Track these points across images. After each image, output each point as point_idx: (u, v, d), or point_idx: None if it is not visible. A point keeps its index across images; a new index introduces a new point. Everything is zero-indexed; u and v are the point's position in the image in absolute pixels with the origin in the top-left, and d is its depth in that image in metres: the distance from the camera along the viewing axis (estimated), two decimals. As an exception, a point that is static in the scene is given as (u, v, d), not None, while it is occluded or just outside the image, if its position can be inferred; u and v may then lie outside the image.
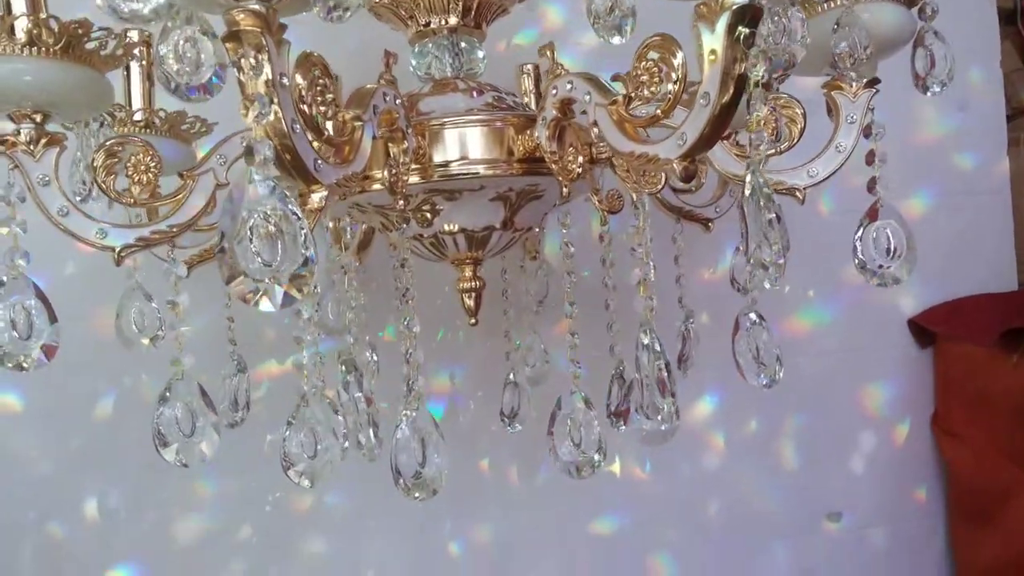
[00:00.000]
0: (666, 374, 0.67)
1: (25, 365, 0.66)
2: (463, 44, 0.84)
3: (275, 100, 0.50)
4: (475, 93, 0.81)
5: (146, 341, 0.90)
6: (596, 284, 0.83)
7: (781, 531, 1.37)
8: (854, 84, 0.76)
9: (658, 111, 0.61)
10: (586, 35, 1.35)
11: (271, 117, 0.48)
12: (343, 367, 0.69)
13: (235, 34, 0.48)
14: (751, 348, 0.79)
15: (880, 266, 0.77)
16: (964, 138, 1.44)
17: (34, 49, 0.62)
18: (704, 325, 1.23)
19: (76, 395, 1.20)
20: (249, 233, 0.47)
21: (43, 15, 0.62)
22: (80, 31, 0.64)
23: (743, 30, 0.53)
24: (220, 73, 0.51)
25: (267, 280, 0.47)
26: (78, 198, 0.80)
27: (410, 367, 0.68)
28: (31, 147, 0.67)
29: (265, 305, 0.48)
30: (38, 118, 0.67)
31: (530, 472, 1.31)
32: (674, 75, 0.59)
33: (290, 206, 0.48)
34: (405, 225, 0.70)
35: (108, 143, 0.70)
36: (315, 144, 0.56)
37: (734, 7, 0.52)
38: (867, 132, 0.77)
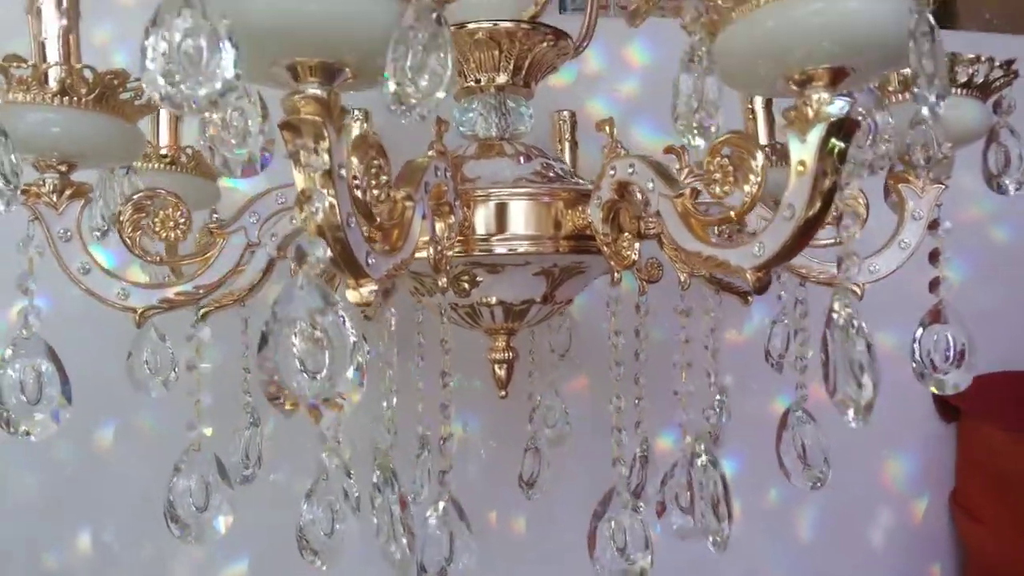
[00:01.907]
0: (722, 489, 0.63)
1: (31, 432, 0.62)
2: (510, 103, 0.80)
3: (332, 192, 0.46)
4: (522, 159, 0.77)
5: (156, 390, 0.86)
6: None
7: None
8: (923, 179, 0.72)
9: (731, 213, 0.57)
10: (624, 82, 1.32)
11: (325, 214, 0.44)
12: (378, 470, 0.65)
13: (293, 123, 0.44)
14: (796, 446, 0.76)
15: (938, 371, 0.73)
16: (1001, 211, 1.40)
17: (65, 98, 0.58)
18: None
19: (75, 423, 1.15)
20: (293, 345, 0.42)
21: (78, 64, 0.58)
22: (116, 82, 0.60)
23: (837, 144, 0.49)
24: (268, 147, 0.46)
25: (312, 399, 0.43)
26: (96, 233, 0.76)
27: (443, 455, 0.64)
28: (54, 198, 0.63)
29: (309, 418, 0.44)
30: (63, 168, 0.63)
31: (540, 526, 1.27)
32: (752, 178, 0.55)
33: (341, 315, 0.43)
34: (442, 296, 0.66)
35: (136, 196, 0.66)
36: (366, 231, 0.52)
37: (831, 120, 0.48)
38: (932, 227, 0.74)
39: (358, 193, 0.52)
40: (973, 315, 1.34)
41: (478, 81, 0.79)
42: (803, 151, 0.50)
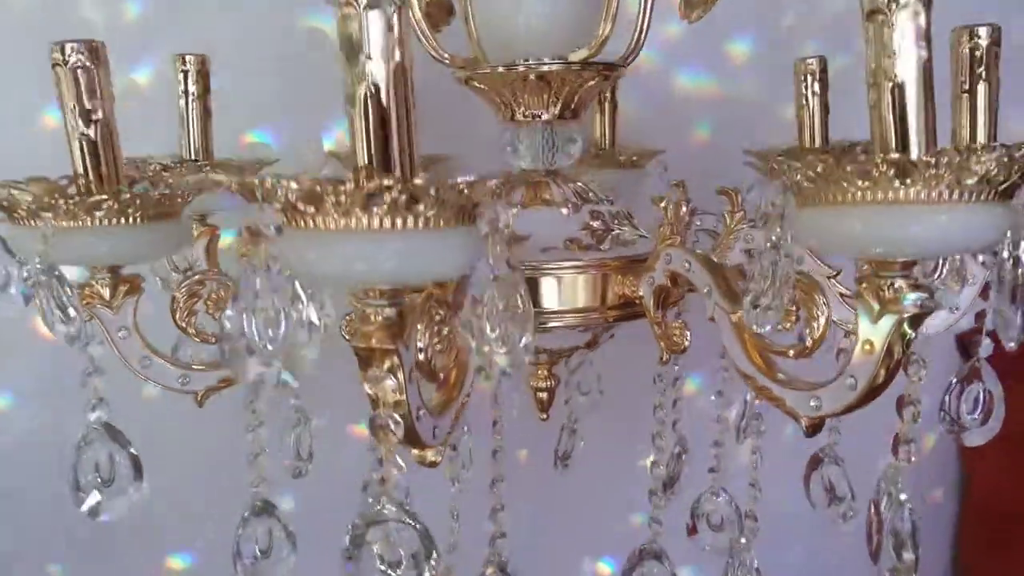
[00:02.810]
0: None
1: (101, 512, 0.65)
2: (558, 138, 0.77)
3: (403, 397, 0.46)
4: (570, 207, 0.75)
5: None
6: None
7: (798, 531, 1.42)
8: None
9: (790, 352, 0.57)
10: (669, 26, 1.24)
11: (400, 433, 0.45)
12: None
13: (364, 356, 0.44)
14: (824, 482, 0.80)
15: (963, 423, 0.76)
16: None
17: (113, 220, 0.57)
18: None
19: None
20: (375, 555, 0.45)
21: (126, 194, 0.56)
22: (167, 198, 0.58)
23: (909, 332, 0.48)
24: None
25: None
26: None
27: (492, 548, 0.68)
28: (106, 293, 0.63)
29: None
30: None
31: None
32: (815, 324, 0.55)
33: (419, 526, 0.46)
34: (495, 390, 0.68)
35: (188, 283, 0.65)
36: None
37: (905, 315, 0.47)
38: (984, 292, 0.73)
39: (421, 356, 0.52)
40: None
41: (525, 116, 0.76)
42: (872, 333, 0.49)
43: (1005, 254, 0.46)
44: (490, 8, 0.74)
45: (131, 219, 0.57)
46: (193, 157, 0.88)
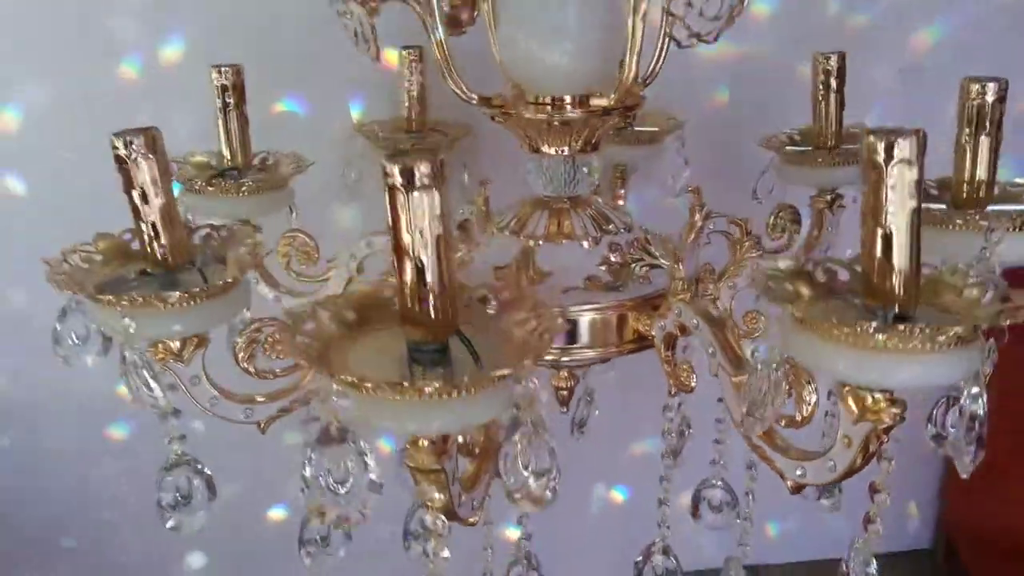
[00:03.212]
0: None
1: (181, 528, 0.76)
2: (578, 171, 0.81)
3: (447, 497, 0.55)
4: (590, 239, 0.80)
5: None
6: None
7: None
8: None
9: (782, 422, 0.64)
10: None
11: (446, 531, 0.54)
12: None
13: (415, 474, 0.52)
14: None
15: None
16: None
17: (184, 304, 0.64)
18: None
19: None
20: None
21: (196, 288, 0.63)
22: (229, 284, 0.65)
23: (884, 437, 0.56)
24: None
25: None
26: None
27: None
28: (179, 351, 0.70)
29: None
30: (183, 327, 0.70)
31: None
32: (804, 407, 0.62)
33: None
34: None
35: (248, 331, 0.73)
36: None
37: (882, 426, 0.55)
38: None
39: (460, 439, 0.61)
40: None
41: (548, 150, 0.80)
42: (852, 431, 0.57)
43: (964, 393, 0.52)
44: (515, 46, 0.77)
45: (199, 299, 0.64)
46: (231, 165, 0.94)
